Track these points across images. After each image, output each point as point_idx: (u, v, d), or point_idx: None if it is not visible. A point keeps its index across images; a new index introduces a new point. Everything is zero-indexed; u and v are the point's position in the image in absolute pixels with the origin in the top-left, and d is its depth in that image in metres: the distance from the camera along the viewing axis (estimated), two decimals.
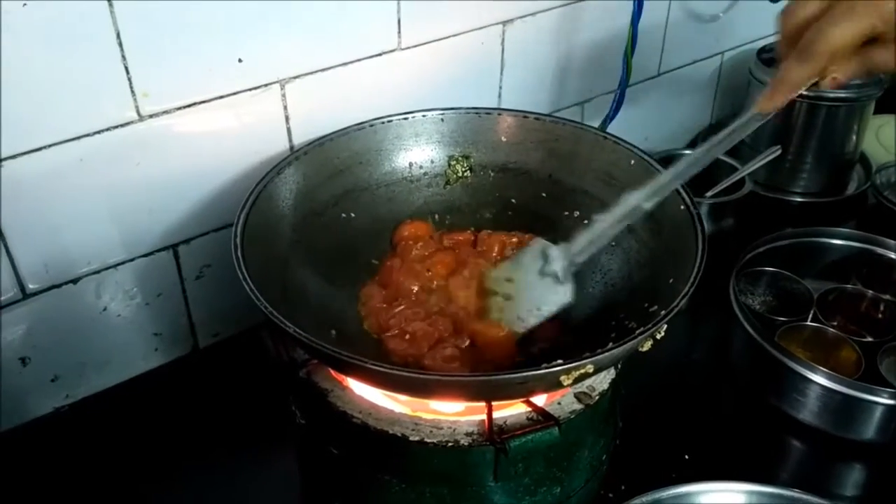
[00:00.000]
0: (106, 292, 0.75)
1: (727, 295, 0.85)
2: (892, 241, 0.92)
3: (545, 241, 0.68)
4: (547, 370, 0.51)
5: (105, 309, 0.76)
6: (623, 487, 0.70)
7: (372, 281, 0.73)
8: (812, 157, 1.09)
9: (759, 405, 0.80)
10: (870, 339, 0.84)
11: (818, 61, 0.55)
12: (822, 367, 0.75)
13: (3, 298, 0.69)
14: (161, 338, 0.82)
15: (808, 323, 0.85)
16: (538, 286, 0.67)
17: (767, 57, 1.13)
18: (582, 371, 0.52)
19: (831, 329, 0.84)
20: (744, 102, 1.12)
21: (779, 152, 0.99)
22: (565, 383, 0.53)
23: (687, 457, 0.75)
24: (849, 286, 0.90)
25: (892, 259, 0.92)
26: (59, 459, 0.73)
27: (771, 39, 1.21)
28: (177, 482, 0.72)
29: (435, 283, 0.71)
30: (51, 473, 0.72)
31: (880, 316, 0.88)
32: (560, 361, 0.52)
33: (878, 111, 1.11)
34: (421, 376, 0.56)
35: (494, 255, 0.74)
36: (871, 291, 0.89)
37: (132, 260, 0.75)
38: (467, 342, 0.66)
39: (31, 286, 0.70)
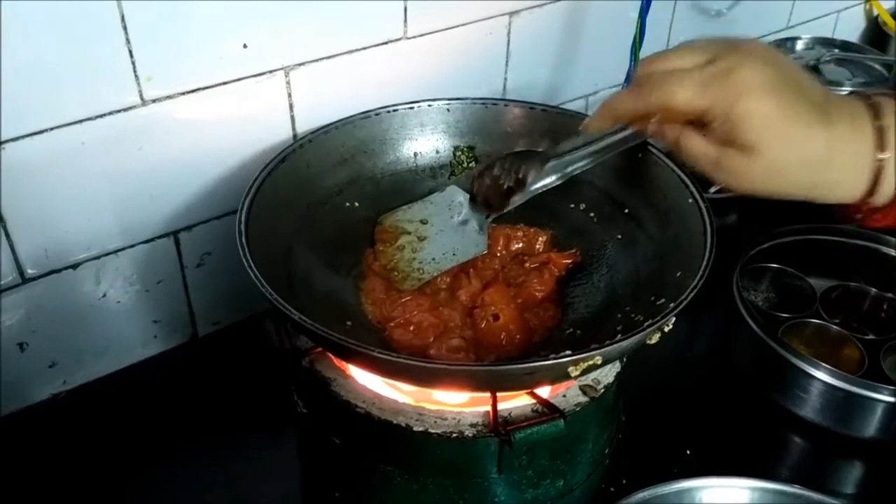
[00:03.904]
0: (105, 278, 0.75)
1: (730, 291, 0.84)
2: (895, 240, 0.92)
3: (461, 189, 0.73)
4: (555, 360, 0.51)
5: (104, 295, 0.75)
6: (625, 481, 0.70)
7: (375, 271, 0.72)
8: None
9: (762, 401, 0.80)
10: (872, 336, 0.84)
11: (645, 104, 0.54)
12: (824, 364, 0.75)
13: (2, 283, 0.68)
14: (160, 325, 0.81)
15: (812, 320, 0.85)
16: (455, 232, 0.71)
17: None
18: (590, 362, 0.52)
19: (834, 326, 0.84)
20: None
21: None
22: (573, 374, 0.52)
23: (689, 452, 0.74)
24: (852, 284, 0.90)
25: (895, 257, 0.91)
26: (56, 446, 0.73)
27: (776, 36, 1.21)
28: (175, 471, 0.72)
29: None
30: (48, 460, 0.72)
31: (883, 314, 0.88)
32: (568, 352, 0.51)
33: None
34: (427, 365, 0.55)
35: (499, 247, 0.74)
36: (874, 289, 0.89)
37: (132, 246, 0.75)
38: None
39: (30, 271, 0.70)
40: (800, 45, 1.17)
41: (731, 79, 0.50)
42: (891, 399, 0.73)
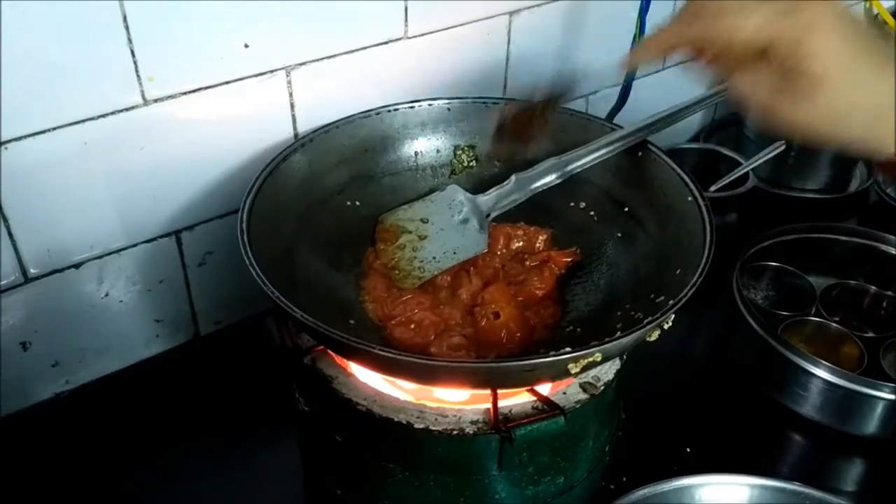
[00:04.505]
0: (108, 278, 0.75)
1: (730, 289, 0.84)
2: (895, 238, 0.92)
3: (461, 189, 0.73)
4: (555, 357, 0.51)
5: (107, 294, 0.76)
6: (625, 479, 0.70)
7: (376, 270, 0.72)
8: (815, 153, 1.09)
9: (761, 399, 0.80)
10: (872, 334, 0.84)
11: (701, 35, 0.50)
12: (824, 362, 0.75)
13: (5, 282, 0.69)
14: (162, 324, 0.81)
15: (811, 318, 0.85)
16: (456, 231, 0.71)
17: None
18: (590, 359, 0.52)
19: (834, 324, 0.84)
20: None
21: (783, 148, 0.99)
22: (573, 371, 0.53)
23: (689, 450, 0.75)
24: (852, 282, 0.90)
25: (894, 255, 0.92)
26: (59, 445, 0.73)
27: None
28: (177, 469, 0.72)
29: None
30: (51, 459, 0.72)
31: (882, 312, 0.88)
32: (568, 349, 0.51)
33: None
34: (428, 362, 0.55)
35: (500, 246, 0.74)
36: (873, 287, 0.89)
37: (134, 246, 0.75)
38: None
39: (32, 270, 0.70)
40: None
41: (804, 12, 0.47)
42: (890, 396, 0.73)
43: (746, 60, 0.49)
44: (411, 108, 0.76)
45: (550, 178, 0.69)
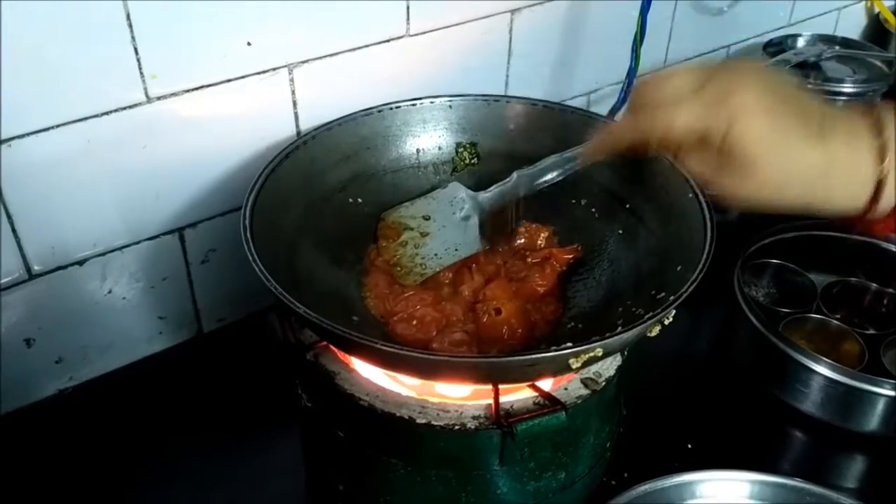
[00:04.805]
0: (111, 275, 0.75)
1: (732, 287, 0.85)
2: None
3: (463, 186, 0.74)
4: (556, 352, 0.51)
5: (110, 291, 0.76)
6: (626, 475, 0.70)
7: (378, 267, 0.73)
8: None
9: (762, 396, 0.81)
10: (873, 331, 0.85)
11: (643, 133, 0.56)
12: (825, 359, 0.75)
13: (9, 279, 0.69)
14: (165, 321, 0.81)
15: (812, 315, 0.85)
16: (458, 228, 0.72)
17: (774, 51, 1.13)
18: (591, 354, 0.52)
19: (835, 321, 0.84)
20: None
21: None
22: (574, 366, 0.53)
23: (690, 446, 0.75)
24: (853, 279, 0.90)
25: (895, 253, 0.92)
26: (62, 441, 0.73)
27: (777, 33, 1.21)
28: (180, 465, 0.72)
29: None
30: (54, 455, 0.72)
31: (883, 309, 0.88)
32: (570, 344, 0.52)
33: None
34: (430, 357, 0.55)
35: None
36: (874, 285, 0.89)
37: (138, 243, 0.75)
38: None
39: (36, 268, 0.70)
40: (801, 43, 1.17)
41: (727, 102, 0.51)
42: (891, 393, 0.73)
43: (688, 145, 0.54)
44: (413, 105, 0.76)
45: (552, 176, 0.70)
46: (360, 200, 0.75)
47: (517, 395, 0.59)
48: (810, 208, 0.54)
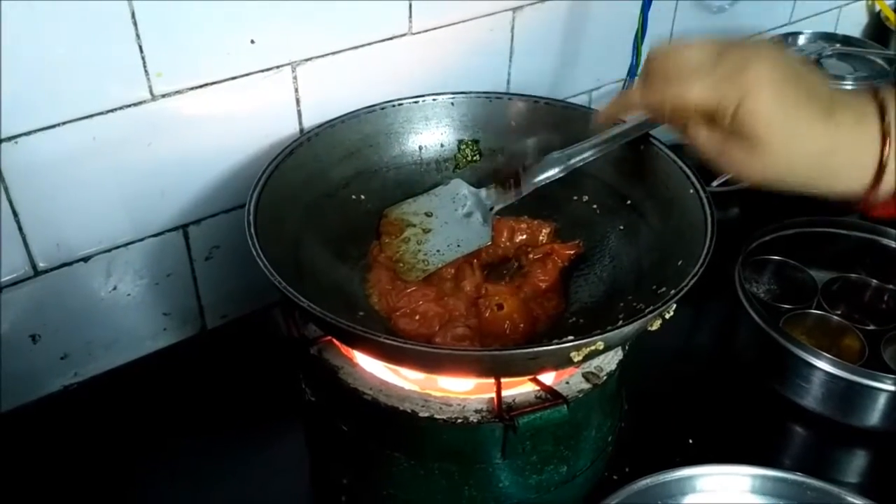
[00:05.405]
0: (116, 271, 0.76)
1: (733, 283, 0.85)
2: None
3: (465, 182, 0.75)
4: (558, 345, 0.52)
5: (115, 288, 0.77)
6: (627, 469, 0.71)
7: (381, 263, 0.73)
8: None
9: (763, 391, 0.81)
10: (873, 327, 0.85)
11: (655, 100, 0.56)
12: (826, 354, 0.76)
13: (14, 276, 0.70)
14: (169, 318, 0.82)
15: (813, 311, 0.86)
16: (460, 224, 0.72)
17: None
18: (592, 348, 0.53)
19: (835, 317, 0.85)
20: None
21: None
22: (575, 360, 0.53)
23: (691, 441, 0.75)
24: (853, 275, 0.90)
25: (895, 249, 0.92)
26: (67, 437, 0.74)
27: (778, 31, 1.21)
28: (184, 460, 0.73)
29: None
30: (59, 451, 0.73)
31: (884, 305, 0.89)
32: (571, 337, 0.52)
33: None
34: (433, 350, 0.56)
35: (503, 239, 0.75)
36: (875, 281, 0.89)
37: (142, 240, 0.76)
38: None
39: (41, 264, 0.71)
40: (802, 40, 1.18)
41: (741, 77, 0.51)
42: (891, 388, 0.74)
43: (697, 120, 0.54)
44: (415, 102, 0.77)
45: (554, 172, 0.70)
46: (362, 197, 0.75)
47: (519, 389, 0.59)
48: (814, 188, 0.54)
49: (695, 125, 0.55)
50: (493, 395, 0.57)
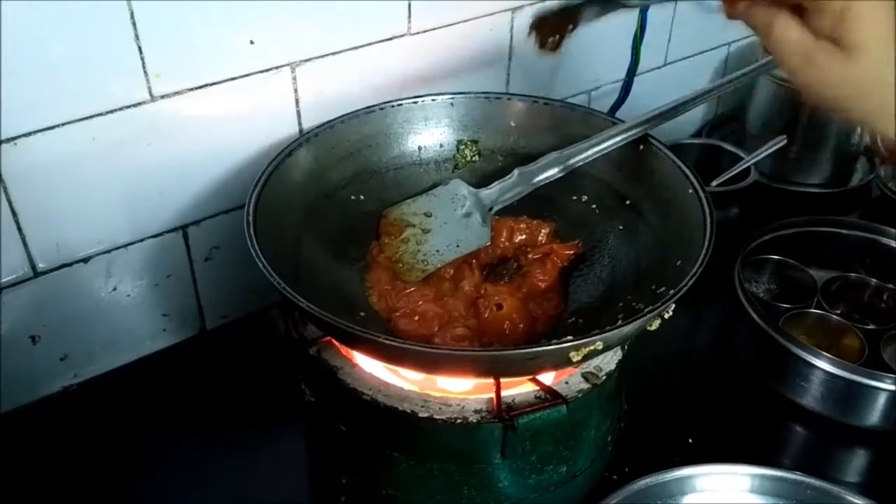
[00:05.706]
0: (115, 272, 0.76)
1: (732, 283, 0.85)
2: (895, 231, 0.93)
3: (465, 183, 0.75)
4: (557, 345, 0.52)
5: (114, 289, 0.77)
6: (627, 469, 0.70)
7: (380, 263, 0.73)
8: (817, 148, 1.09)
9: (763, 391, 0.81)
10: (873, 326, 0.85)
11: None
12: (825, 353, 0.76)
13: (14, 277, 0.70)
14: (169, 318, 0.82)
15: (812, 310, 0.86)
16: (459, 224, 0.72)
17: None
18: (591, 348, 0.53)
19: (835, 316, 0.85)
20: (751, 93, 1.13)
21: (784, 142, 0.99)
22: (574, 360, 0.53)
23: (691, 440, 0.75)
24: (852, 275, 0.91)
25: (895, 248, 0.92)
26: (67, 437, 0.74)
27: None
28: (184, 461, 0.73)
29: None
30: (59, 451, 0.73)
31: (883, 304, 0.89)
32: (570, 337, 0.52)
33: None
34: (433, 350, 0.56)
35: (503, 239, 0.75)
36: (874, 280, 0.90)
37: (142, 241, 0.76)
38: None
39: (41, 265, 0.71)
40: None
41: None
42: (891, 387, 0.74)
43: (791, 15, 0.48)
44: (415, 103, 0.77)
45: (553, 172, 0.70)
46: (362, 197, 0.75)
47: (518, 389, 0.59)
48: (873, 123, 0.50)
49: (786, 21, 0.49)
50: (493, 395, 0.57)
